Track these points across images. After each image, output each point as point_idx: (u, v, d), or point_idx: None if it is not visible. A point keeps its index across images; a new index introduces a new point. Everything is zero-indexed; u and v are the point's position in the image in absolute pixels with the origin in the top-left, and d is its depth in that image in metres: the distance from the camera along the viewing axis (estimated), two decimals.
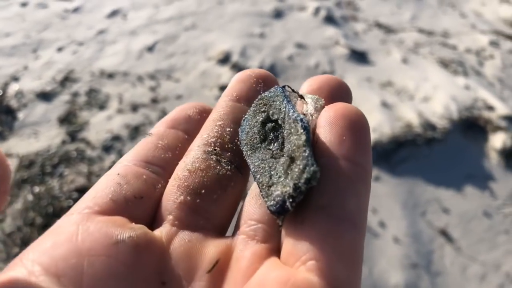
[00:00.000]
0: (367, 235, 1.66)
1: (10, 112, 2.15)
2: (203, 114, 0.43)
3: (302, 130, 0.32)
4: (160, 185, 0.37)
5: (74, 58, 2.61)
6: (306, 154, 0.30)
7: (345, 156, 0.31)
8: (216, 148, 0.38)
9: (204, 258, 0.32)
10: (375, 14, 3.47)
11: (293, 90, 0.39)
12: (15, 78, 2.40)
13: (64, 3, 3.28)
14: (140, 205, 0.35)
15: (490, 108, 2.37)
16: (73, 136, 2.01)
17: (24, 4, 3.21)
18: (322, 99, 0.37)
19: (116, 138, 2.01)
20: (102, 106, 2.22)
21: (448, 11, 3.68)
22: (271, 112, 0.38)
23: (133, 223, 0.33)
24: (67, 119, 2.12)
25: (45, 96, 2.28)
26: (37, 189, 1.74)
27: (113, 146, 1.97)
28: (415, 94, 2.47)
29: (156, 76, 2.48)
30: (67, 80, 2.41)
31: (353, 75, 2.61)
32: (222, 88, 2.33)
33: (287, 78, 2.52)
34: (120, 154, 1.92)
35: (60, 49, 2.70)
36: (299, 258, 0.28)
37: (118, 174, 0.36)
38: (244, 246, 0.32)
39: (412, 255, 1.62)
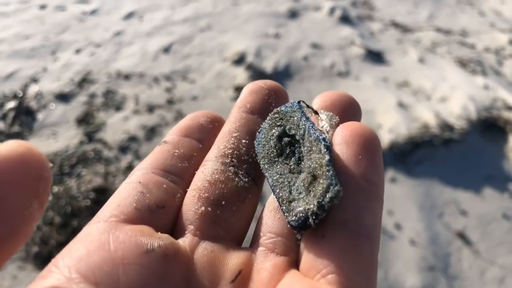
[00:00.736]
0: (383, 237, 1.65)
1: (30, 113, 2.19)
2: (215, 123, 0.45)
3: (325, 150, 0.34)
4: (179, 194, 0.38)
5: (92, 60, 2.65)
6: (330, 174, 0.32)
7: (362, 174, 0.33)
8: (234, 160, 0.39)
9: (227, 268, 0.32)
10: (391, 13, 3.43)
11: (307, 106, 0.40)
12: (35, 80, 2.45)
13: (82, 6, 3.33)
14: (162, 214, 0.36)
15: (510, 108, 2.32)
16: (90, 137, 2.05)
17: (43, 7, 3.28)
18: (336, 117, 0.38)
19: (133, 138, 2.03)
20: (118, 107, 2.25)
21: (466, 10, 3.62)
22: (288, 126, 0.39)
23: (159, 232, 0.33)
24: (84, 120, 2.15)
25: (63, 97, 2.32)
26: (55, 188, 1.77)
27: (130, 146, 1.99)
28: (432, 94, 2.44)
29: (171, 77, 2.50)
30: (84, 81, 2.45)
31: (369, 75, 2.59)
32: (237, 88, 2.34)
33: (302, 78, 2.51)
34: (136, 155, 1.94)
35: (78, 51, 2.74)
36: (319, 271, 0.30)
37: (140, 182, 0.37)
38: (265, 258, 0.33)
39: (429, 257, 1.60)
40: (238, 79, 2.44)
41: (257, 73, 2.48)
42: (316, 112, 0.39)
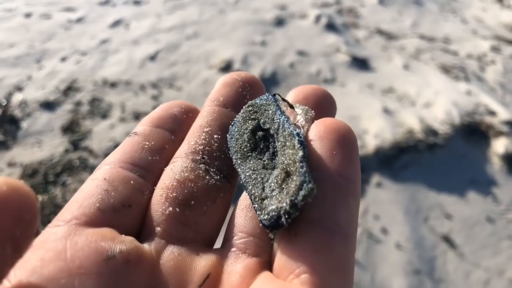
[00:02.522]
0: (370, 241, 1.66)
1: (14, 122, 2.17)
2: (189, 113, 0.42)
3: (299, 145, 0.32)
4: (147, 191, 0.36)
5: (77, 68, 2.64)
6: (303, 171, 0.30)
7: (337, 170, 0.32)
8: (205, 156, 0.37)
9: (195, 272, 0.31)
10: (376, 21, 3.48)
11: (283, 99, 0.39)
12: (19, 88, 2.42)
13: (68, 14, 3.32)
14: (129, 214, 0.33)
15: (492, 113, 2.36)
16: (76, 145, 2.03)
17: (28, 15, 3.26)
18: (312, 111, 0.37)
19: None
20: (104, 115, 2.23)
21: (449, 17, 3.70)
22: (262, 120, 0.37)
23: (123, 235, 0.31)
24: (70, 128, 2.14)
25: (48, 106, 2.30)
26: (40, 198, 1.75)
27: None
28: (417, 100, 2.47)
29: (158, 85, 2.49)
30: (70, 89, 2.43)
31: (355, 82, 2.62)
32: None
33: (288, 85, 2.53)
34: None
35: (63, 59, 2.73)
36: (292, 272, 0.28)
37: (105, 179, 0.34)
38: (236, 259, 0.32)
39: (415, 261, 1.61)
40: None
41: None
42: (291, 106, 0.38)
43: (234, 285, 0.30)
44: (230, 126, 0.39)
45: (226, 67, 2.63)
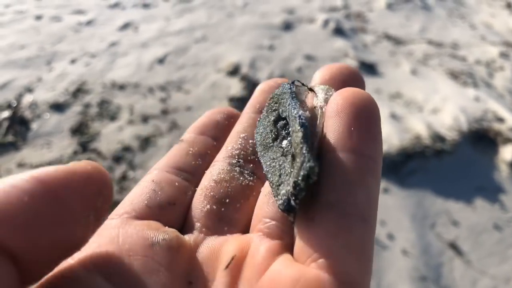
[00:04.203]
0: (376, 247, 1.65)
1: (24, 123, 2.19)
2: (231, 119, 0.46)
3: (299, 127, 0.32)
4: (190, 191, 0.40)
5: (87, 70, 2.66)
6: (304, 151, 0.30)
7: (354, 148, 0.31)
8: (240, 160, 0.41)
9: (223, 256, 0.33)
10: (384, 26, 3.48)
11: (302, 84, 0.39)
12: (29, 90, 2.45)
13: (78, 16, 3.35)
14: (173, 211, 0.38)
15: (500, 120, 2.35)
16: (84, 147, 2.05)
17: (38, 17, 3.29)
18: (332, 89, 0.37)
19: (127, 149, 2.03)
20: (113, 117, 2.25)
21: (457, 23, 3.69)
22: (280, 110, 0.38)
23: (166, 227, 0.35)
24: (79, 130, 2.16)
25: (58, 107, 2.32)
26: None
27: (124, 156, 2.00)
28: (424, 105, 2.47)
29: (166, 88, 2.51)
30: (79, 91, 2.45)
31: None
32: (232, 99, 2.36)
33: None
34: (131, 165, 1.94)
35: (73, 61, 2.76)
36: (310, 256, 0.29)
37: (153, 181, 0.39)
38: (260, 242, 0.33)
39: (421, 268, 1.61)
40: (233, 90, 2.46)
41: (251, 84, 2.50)
42: (311, 89, 0.38)
43: (256, 266, 0.32)
44: (257, 123, 0.41)
45: (234, 71, 2.64)
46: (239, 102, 2.33)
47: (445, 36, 3.42)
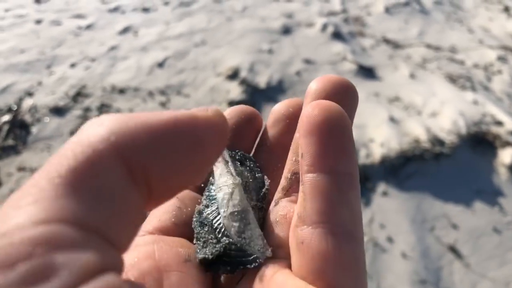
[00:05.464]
0: (375, 250, 1.66)
1: (24, 127, 2.20)
2: (250, 119, 0.45)
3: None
4: None
5: (87, 74, 2.67)
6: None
7: (331, 168, 0.32)
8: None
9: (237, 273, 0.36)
10: (382, 29, 3.50)
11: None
12: (30, 93, 2.46)
13: (78, 20, 3.36)
14: None
15: (499, 123, 2.36)
16: None
17: (38, 21, 3.30)
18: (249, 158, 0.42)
19: None
20: None
21: (455, 27, 3.71)
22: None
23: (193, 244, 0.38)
24: None
25: (58, 111, 2.33)
26: None
27: None
28: (423, 109, 2.48)
29: (166, 92, 2.52)
30: (79, 95, 2.46)
31: (361, 90, 2.63)
32: (231, 103, 2.37)
33: (295, 93, 2.54)
34: None
35: (73, 65, 2.76)
36: (307, 278, 0.30)
37: (177, 198, 0.40)
38: (268, 261, 0.35)
39: (421, 271, 1.61)
40: (232, 94, 2.47)
41: (250, 88, 2.51)
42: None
43: (260, 281, 0.34)
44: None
45: (233, 75, 2.65)
46: None
47: (443, 40, 3.44)
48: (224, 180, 0.39)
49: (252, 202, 0.38)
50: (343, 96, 0.37)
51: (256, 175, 0.41)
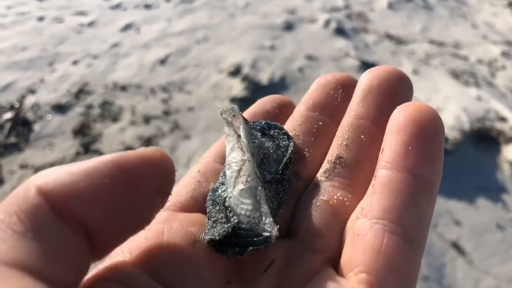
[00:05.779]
0: None
1: (27, 124, 2.20)
2: (282, 108, 0.45)
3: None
4: None
5: (89, 71, 2.67)
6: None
7: (409, 169, 0.31)
8: None
9: (262, 258, 0.33)
10: (385, 25, 3.48)
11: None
12: (32, 91, 2.46)
13: (80, 18, 3.36)
14: None
15: (503, 119, 2.35)
16: (86, 148, 2.05)
17: (41, 19, 3.30)
18: (234, 109, 0.40)
19: (129, 149, 2.03)
20: (115, 118, 2.26)
21: (459, 22, 3.68)
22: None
23: None
24: (81, 131, 2.16)
25: (60, 108, 2.33)
26: None
27: None
28: None
29: (168, 89, 2.52)
30: (81, 92, 2.46)
31: None
32: (233, 100, 2.36)
33: (297, 89, 2.53)
34: None
35: (75, 62, 2.76)
36: (352, 269, 0.29)
37: (199, 171, 0.40)
38: (301, 253, 0.33)
39: (424, 267, 1.61)
40: (234, 90, 2.46)
41: (252, 85, 2.50)
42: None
43: (297, 278, 0.32)
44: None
45: (236, 71, 2.64)
46: (241, 103, 2.34)
47: (447, 35, 3.42)
48: (233, 156, 0.37)
49: (269, 176, 0.36)
50: (398, 88, 0.37)
51: (281, 144, 0.39)
